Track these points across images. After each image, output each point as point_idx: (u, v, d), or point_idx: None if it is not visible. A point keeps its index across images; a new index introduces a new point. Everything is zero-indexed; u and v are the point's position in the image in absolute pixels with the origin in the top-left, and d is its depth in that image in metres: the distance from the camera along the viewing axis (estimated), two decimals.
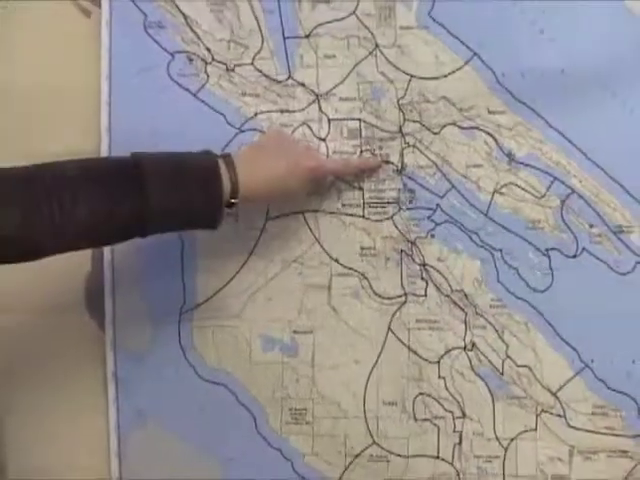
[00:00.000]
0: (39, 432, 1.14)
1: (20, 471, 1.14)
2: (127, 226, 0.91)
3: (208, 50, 1.08)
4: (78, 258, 1.05)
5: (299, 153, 1.02)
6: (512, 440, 1.02)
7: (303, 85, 1.06)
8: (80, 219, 0.87)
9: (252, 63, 1.07)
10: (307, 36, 1.06)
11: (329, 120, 1.06)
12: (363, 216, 1.05)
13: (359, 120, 1.05)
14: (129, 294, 1.11)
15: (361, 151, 1.05)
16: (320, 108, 1.06)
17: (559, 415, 1.01)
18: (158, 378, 1.10)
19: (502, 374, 1.02)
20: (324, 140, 1.06)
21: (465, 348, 1.03)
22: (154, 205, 0.89)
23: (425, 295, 1.04)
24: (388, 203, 1.05)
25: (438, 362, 1.04)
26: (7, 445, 1.14)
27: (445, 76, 1.03)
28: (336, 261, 1.06)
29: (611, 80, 0.98)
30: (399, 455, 1.05)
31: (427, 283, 1.04)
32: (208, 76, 1.08)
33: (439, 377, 1.04)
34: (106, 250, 1.11)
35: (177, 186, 0.91)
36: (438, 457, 1.04)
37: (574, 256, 1.00)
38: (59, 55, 1.12)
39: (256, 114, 1.08)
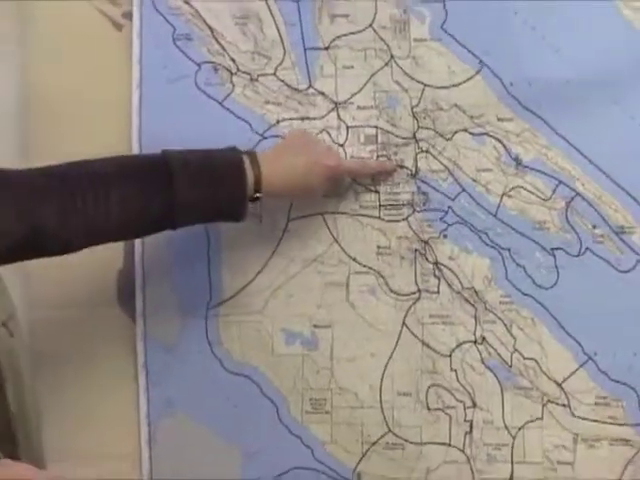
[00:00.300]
0: (73, 421, 1.16)
1: (57, 459, 1.14)
2: (157, 221, 0.94)
3: (233, 61, 1.10)
4: (111, 255, 1.11)
5: (319, 152, 1.03)
6: (520, 429, 1.04)
7: (323, 94, 1.09)
8: (113, 215, 0.89)
9: (275, 73, 1.10)
10: (326, 48, 1.08)
11: (347, 127, 1.08)
12: (379, 217, 1.08)
13: (375, 127, 1.07)
14: (159, 289, 1.12)
15: (377, 156, 1.07)
16: (339, 116, 1.08)
17: (564, 405, 1.02)
18: (186, 369, 1.12)
19: (510, 366, 1.04)
20: (342, 146, 1.08)
21: (475, 342, 1.05)
22: (183, 200, 0.92)
23: (438, 292, 1.06)
24: (403, 205, 1.07)
25: (450, 355, 1.06)
26: (44, 434, 1.14)
27: (457, 85, 1.05)
28: (354, 260, 1.08)
29: (612, 89, 1.00)
30: (413, 443, 1.07)
31: (439, 280, 1.06)
32: (233, 86, 1.10)
33: (451, 369, 1.06)
34: (137, 247, 1.12)
35: (204, 181, 0.93)
36: (450, 445, 1.06)
37: (578, 255, 1.02)
38: (93, 66, 1.14)
39: (278, 121, 1.10)
